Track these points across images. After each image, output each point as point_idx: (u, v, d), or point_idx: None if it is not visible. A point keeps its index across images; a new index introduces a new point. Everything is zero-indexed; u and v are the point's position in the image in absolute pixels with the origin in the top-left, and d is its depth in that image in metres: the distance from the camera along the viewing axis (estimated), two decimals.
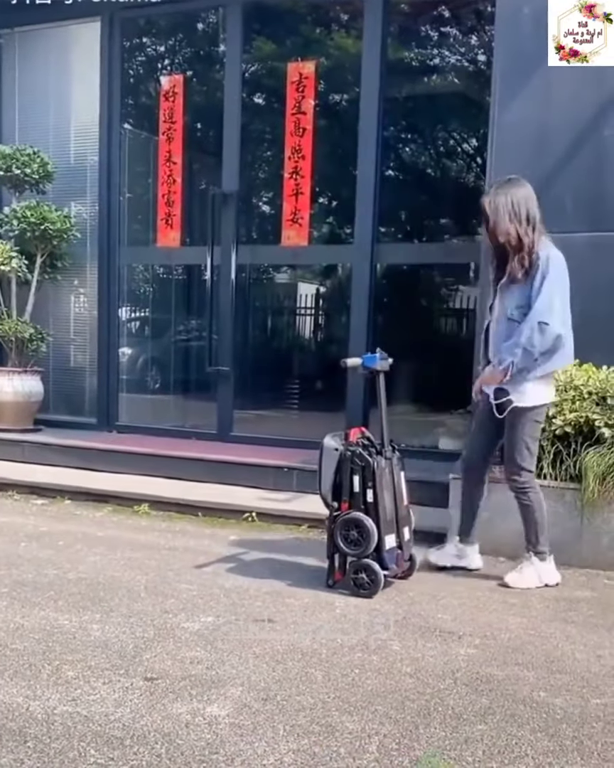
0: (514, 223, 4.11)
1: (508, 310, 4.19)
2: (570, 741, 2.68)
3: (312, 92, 6.80)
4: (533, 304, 4.08)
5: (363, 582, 4.06)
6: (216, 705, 2.86)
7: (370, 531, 4.03)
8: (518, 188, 4.16)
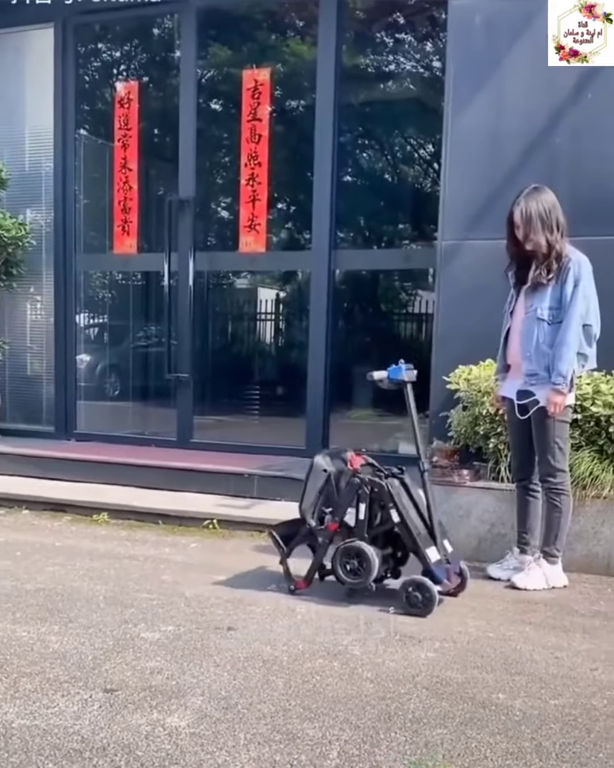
0: (546, 233, 4.18)
1: (538, 311, 4.25)
2: (529, 742, 2.71)
3: (267, 99, 6.82)
4: (569, 308, 4.17)
5: (417, 601, 3.90)
6: (176, 715, 2.85)
7: (371, 561, 3.97)
8: (546, 196, 4.23)
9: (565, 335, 4.17)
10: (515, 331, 4.41)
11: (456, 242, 5.38)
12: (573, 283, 4.17)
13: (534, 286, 4.27)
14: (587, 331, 4.22)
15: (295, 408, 7.11)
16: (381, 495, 4.04)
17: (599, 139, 5.03)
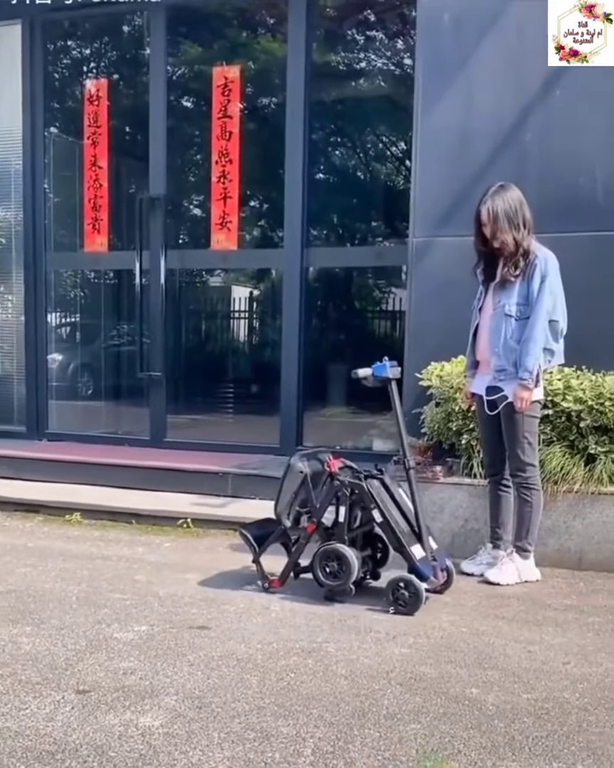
0: (513, 230, 4.22)
1: (505, 307, 4.29)
2: (502, 737, 2.72)
3: (237, 96, 6.80)
4: (536, 304, 4.21)
5: (404, 598, 3.89)
6: (149, 715, 2.84)
7: (351, 564, 3.96)
8: (512, 194, 4.26)
9: (532, 331, 4.20)
10: (483, 327, 4.44)
11: (427, 239, 5.40)
12: (540, 280, 4.21)
13: (502, 282, 4.30)
14: (553, 327, 4.26)
15: (268, 406, 7.10)
16: (362, 496, 4.04)
17: (567, 136, 5.07)
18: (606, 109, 5.01)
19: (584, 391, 4.60)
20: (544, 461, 4.58)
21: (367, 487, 4.03)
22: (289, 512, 4.18)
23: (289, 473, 4.17)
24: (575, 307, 4.35)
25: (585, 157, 5.03)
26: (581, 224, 4.99)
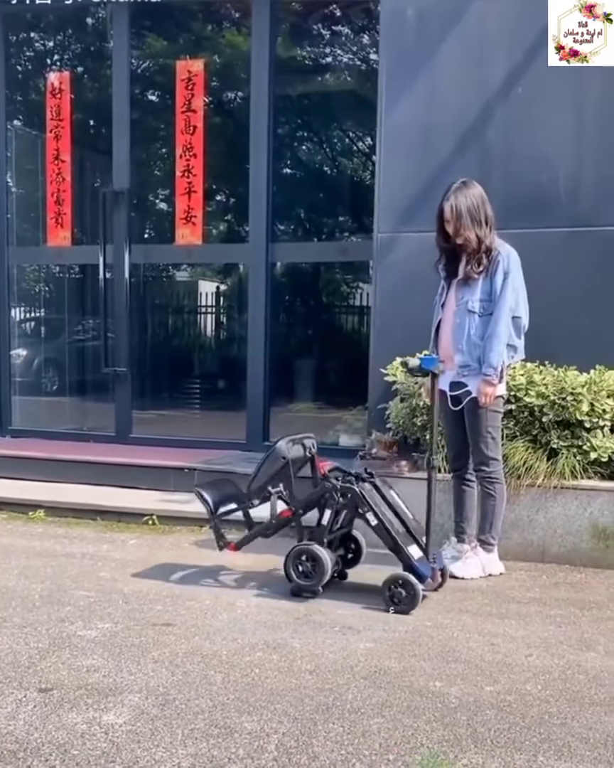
0: (475, 228, 4.23)
1: (469, 304, 4.31)
2: (465, 729, 2.74)
3: (201, 90, 6.77)
4: (499, 301, 4.24)
5: (400, 596, 3.85)
6: (113, 713, 2.82)
7: (325, 566, 3.97)
8: (475, 191, 4.27)
9: (495, 327, 4.23)
10: (446, 323, 4.45)
11: (391, 235, 5.42)
12: (503, 276, 4.24)
13: (465, 279, 4.33)
14: (516, 323, 4.29)
15: (235, 401, 7.09)
16: (354, 500, 4.02)
17: (530, 133, 5.10)
18: (567, 106, 5.05)
19: (546, 386, 4.64)
20: (507, 456, 4.62)
21: (360, 491, 4.02)
22: (260, 493, 4.18)
23: (272, 456, 4.16)
24: (538, 303, 4.38)
25: (548, 154, 5.07)
26: (544, 220, 5.03)
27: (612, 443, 4.64)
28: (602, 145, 5.01)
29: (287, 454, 4.14)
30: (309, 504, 4.16)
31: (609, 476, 4.67)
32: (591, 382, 4.64)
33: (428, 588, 4.02)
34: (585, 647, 3.50)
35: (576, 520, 4.65)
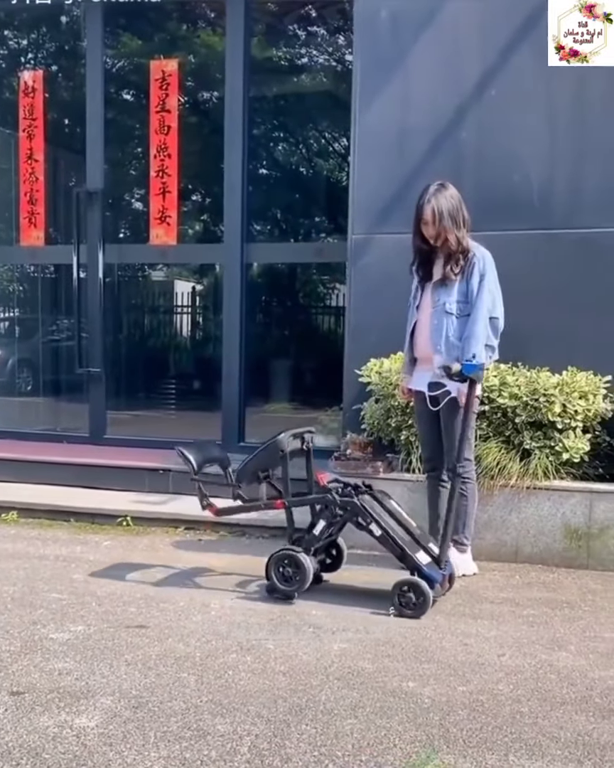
0: (454, 230, 4.25)
1: (446, 305, 4.31)
2: (437, 729, 2.76)
3: (175, 90, 6.74)
4: (476, 302, 4.26)
5: (411, 601, 3.83)
6: (85, 716, 2.81)
7: (307, 573, 3.97)
8: (452, 192, 4.28)
9: (473, 328, 4.25)
10: (423, 324, 4.46)
11: (365, 236, 5.42)
12: (479, 278, 4.27)
13: (442, 281, 4.34)
14: (493, 323, 4.32)
15: (210, 402, 7.08)
16: (356, 512, 4.01)
17: (503, 135, 5.13)
18: (539, 109, 5.08)
19: (519, 387, 4.67)
20: (481, 456, 4.64)
21: (360, 503, 4.01)
22: (251, 477, 4.20)
23: (271, 447, 4.14)
24: (510, 304, 4.40)
25: (520, 156, 5.10)
26: (517, 222, 5.06)
27: (584, 444, 4.67)
28: (575, 147, 5.05)
29: (286, 447, 4.12)
30: (303, 504, 4.16)
31: (581, 477, 4.71)
32: (563, 384, 4.67)
33: (437, 594, 3.97)
34: (557, 647, 3.52)
35: (548, 520, 4.68)
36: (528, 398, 4.64)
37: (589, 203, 5.03)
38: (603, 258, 4.98)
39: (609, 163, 4.98)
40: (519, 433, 4.71)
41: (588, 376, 4.77)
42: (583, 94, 5.01)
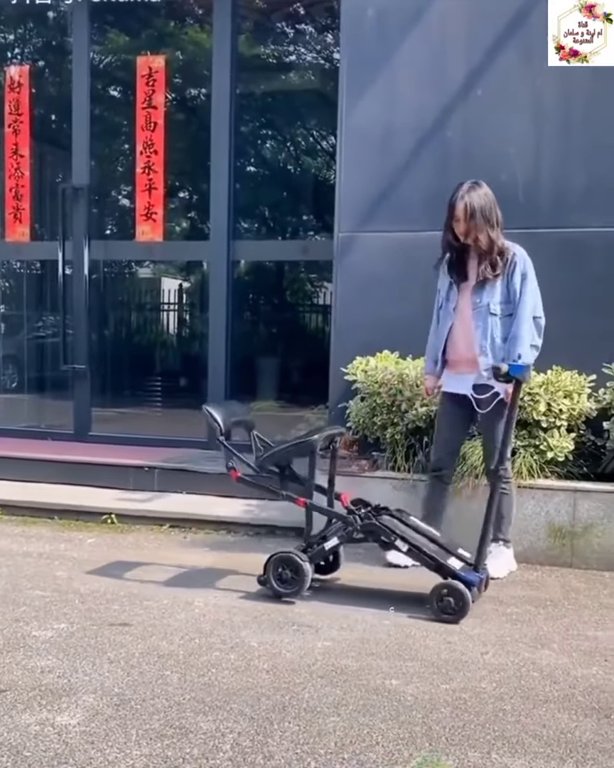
0: (487, 229, 4.20)
1: (490, 306, 4.26)
2: (420, 727, 2.76)
3: (162, 87, 6.72)
4: (520, 302, 4.22)
5: (450, 605, 3.79)
6: (67, 714, 2.80)
7: (306, 578, 3.97)
8: (486, 191, 4.24)
9: (520, 329, 4.22)
10: (463, 326, 4.36)
11: (352, 234, 5.42)
12: (521, 278, 4.23)
13: (483, 281, 4.28)
14: (537, 323, 4.28)
15: (196, 400, 7.04)
16: (378, 533, 4.01)
17: (489, 135, 5.14)
18: (525, 109, 5.09)
19: None
20: (466, 455, 4.65)
21: (380, 524, 4.01)
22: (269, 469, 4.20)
23: (303, 445, 4.11)
24: None
25: (506, 156, 5.10)
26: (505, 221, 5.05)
27: (568, 443, 4.69)
28: (561, 147, 5.06)
29: (317, 448, 4.10)
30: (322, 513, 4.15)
31: (565, 476, 4.72)
32: (548, 383, 4.69)
33: (475, 598, 3.91)
34: (540, 645, 3.53)
35: (532, 519, 4.70)
36: None
37: (574, 203, 5.05)
38: (588, 258, 5.00)
39: (593, 163, 5.00)
40: None
41: (572, 376, 4.78)
42: (569, 94, 5.03)
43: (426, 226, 5.04)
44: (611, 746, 2.65)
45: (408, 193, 5.21)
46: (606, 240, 4.98)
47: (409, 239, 5.17)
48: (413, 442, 4.92)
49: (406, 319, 5.13)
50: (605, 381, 4.79)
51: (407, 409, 4.86)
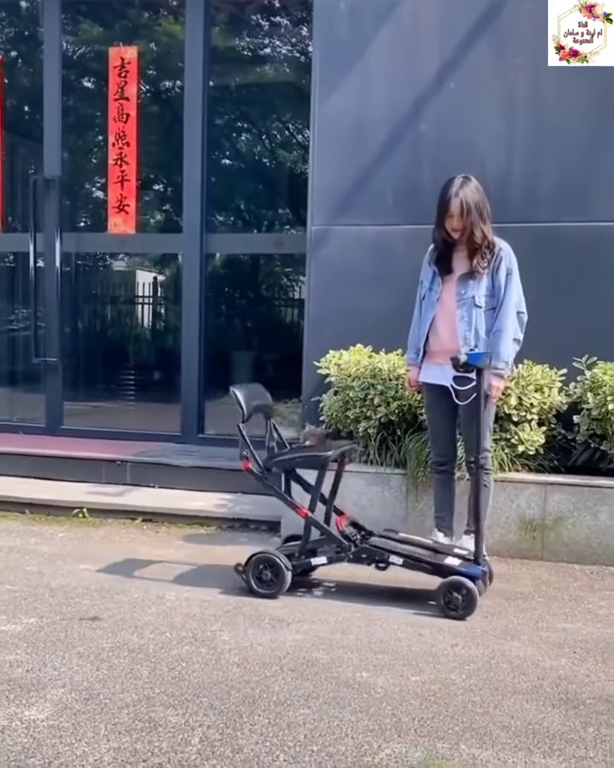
0: (481, 223, 4.20)
1: (475, 298, 4.26)
2: (389, 719, 2.77)
3: (135, 78, 6.69)
4: (505, 296, 4.24)
5: (457, 601, 3.77)
6: (35, 708, 2.78)
7: (285, 579, 3.95)
8: (477, 185, 4.23)
9: (504, 322, 4.23)
10: (446, 318, 4.35)
11: (325, 228, 5.40)
12: (506, 272, 4.24)
13: (471, 274, 4.28)
14: (520, 318, 4.30)
15: (169, 393, 7.05)
16: (371, 555, 4.02)
17: (461, 128, 5.14)
18: (497, 103, 5.10)
19: None
20: None
21: (371, 546, 4.02)
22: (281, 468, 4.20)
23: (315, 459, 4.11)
24: None
25: (478, 150, 5.10)
26: None
27: (539, 436, 4.72)
28: (532, 142, 5.08)
29: (328, 464, 4.09)
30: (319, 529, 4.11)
31: (536, 469, 4.76)
32: (519, 377, 4.71)
33: (481, 591, 3.91)
34: (510, 637, 3.56)
35: (504, 512, 4.72)
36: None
37: (545, 198, 5.07)
38: (557, 252, 5.02)
39: (564, 158, 5.02)
40: None
41: (543, 370, 4.81)
42: (541, 90, 5.04)
43: (399, 219, 5.06)
44: (578, 737, 2.67)
45: (381, 187, 5.21)
46: (577, 235, 5.01)
47: (382, 232, 5.17)
48: (386, 436, 4.93)
49: (380, 313, 5.14)
50: (575, 375, 4.83)
51: (380, 403, 4.86)
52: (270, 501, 5.19)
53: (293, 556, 4.08)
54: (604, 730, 2.72)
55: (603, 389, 4.59)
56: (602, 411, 4.57)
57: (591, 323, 4.96)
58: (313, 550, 4.12)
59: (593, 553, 4.62)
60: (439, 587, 3.83)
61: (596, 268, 4.98)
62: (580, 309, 4.98)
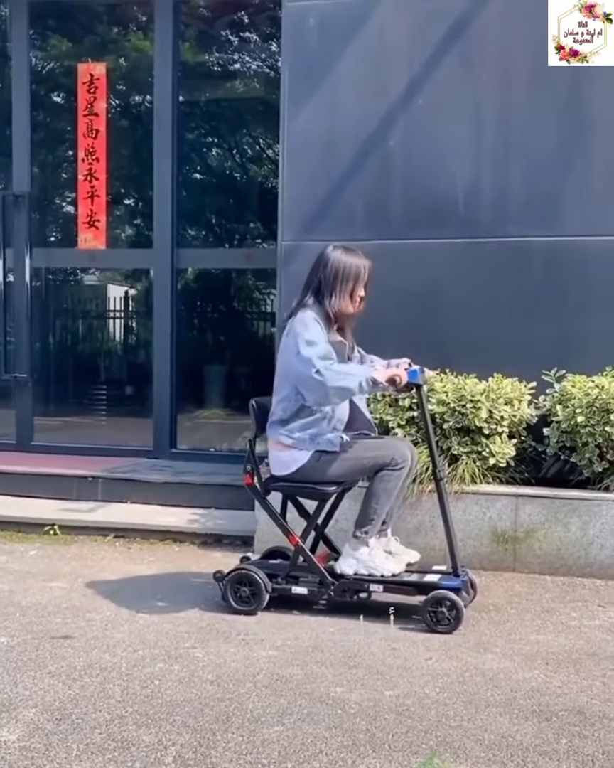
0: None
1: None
2: (364, 734, 2.76)
3: (104, 94, 6.69)
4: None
5: (443, 616, 3.75)
6: (5, 729, 2.75)
7: (263, 596, 3.94)
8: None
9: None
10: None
11: (295, 243, 5.41)
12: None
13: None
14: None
15: (141, 408, 7.03)
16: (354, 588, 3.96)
17: (430, 144, 5.18)
18: (465, 118, 5.16)
19: (447, 393, 4.73)
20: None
21: (353, 578, 3.96)
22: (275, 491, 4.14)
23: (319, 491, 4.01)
24: (438, 313, 4.46)
25: (447, 165, 5.15)
26: (443, 230, 5.11)
27: (509, 449, 4.76)
28: (500, 157, 5.13)
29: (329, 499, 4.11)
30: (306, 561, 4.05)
31: (507, 481, 4.79)
32: (490, 390, 4.75)
33: (465, 602, 3.90)
34: (483, 649, 3.57)
35: (476, 524, 4.75)
36: (456, 404, 4.70)
37: (513, 212, 5.11)
38: (526, 266, 5.07)
39: (533, 173, 5.07)
40: (447, 438, 4.76)
41: (513, 383, 4.85)
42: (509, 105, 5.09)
43: (368, 234, 5.08)
44: (551, 749, 2.68)
45: (351, 202, 5.24)
46: (545, 249, 5.06)
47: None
48: None
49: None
50: (545, 388, 4.87)
51: None
52: (243, 515, 5.21)
53: (274, 576, 4.05)
54: (577, 741, 2.74)
55: (572, 402, 4.64)
56: (571, 423, 4.62)
57: (560, 337, 5.01)
58: (297, 578, 4.08)
59: (564, 565, 4.65)
60: (424, 603, 3.81)
61: (565, 282, 5.03)
62: (549, 322, 5.03)
